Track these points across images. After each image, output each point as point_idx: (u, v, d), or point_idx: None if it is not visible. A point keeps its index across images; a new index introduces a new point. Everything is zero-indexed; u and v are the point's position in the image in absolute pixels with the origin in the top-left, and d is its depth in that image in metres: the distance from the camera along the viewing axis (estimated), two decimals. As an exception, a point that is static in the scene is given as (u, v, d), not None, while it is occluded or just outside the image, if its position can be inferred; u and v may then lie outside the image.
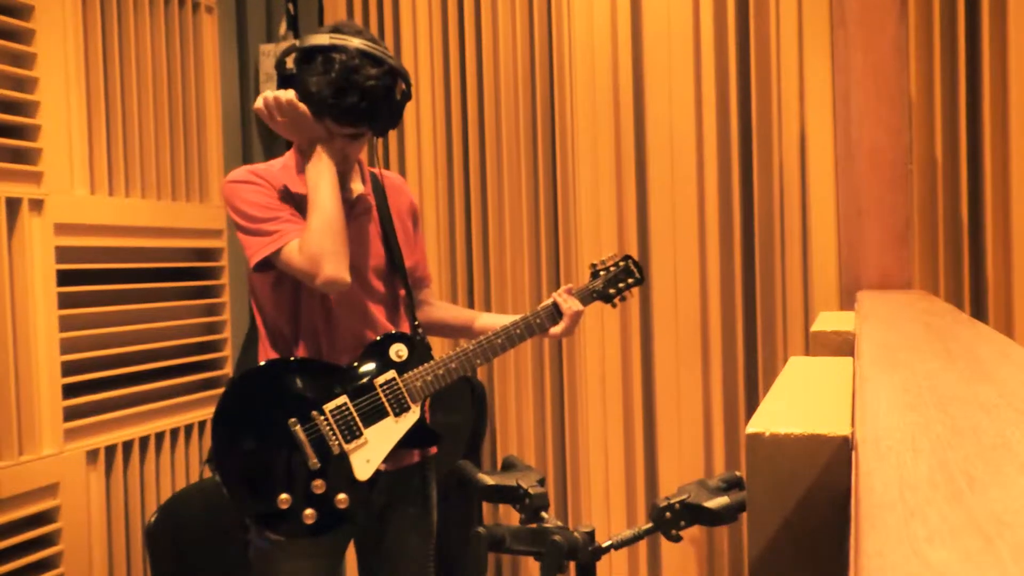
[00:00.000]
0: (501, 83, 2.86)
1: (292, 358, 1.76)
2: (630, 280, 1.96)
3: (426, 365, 1.77)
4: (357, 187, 1.86)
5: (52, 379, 2.21)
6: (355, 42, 1.66)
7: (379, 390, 1.74)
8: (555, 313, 1.87)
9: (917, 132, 2.39)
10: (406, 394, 1.75)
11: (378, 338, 1.79)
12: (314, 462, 1.69)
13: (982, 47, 2.33)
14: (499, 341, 1.81)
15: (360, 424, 1.73)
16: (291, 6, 3.07)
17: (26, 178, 2.19)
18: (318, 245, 1.65)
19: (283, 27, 3.10)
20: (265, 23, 3.14)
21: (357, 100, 1.65)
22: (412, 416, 1.76)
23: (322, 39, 1.66)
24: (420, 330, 1.87)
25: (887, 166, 1.79)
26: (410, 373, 1.76)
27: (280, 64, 1.72)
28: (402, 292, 1.89)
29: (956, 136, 2.37)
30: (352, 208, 1.81)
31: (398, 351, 1.77)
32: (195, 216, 2.72)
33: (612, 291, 1.95)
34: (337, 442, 1.71)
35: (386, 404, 1.74)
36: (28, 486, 2.15)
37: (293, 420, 1.70)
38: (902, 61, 1.83)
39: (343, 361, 1.77)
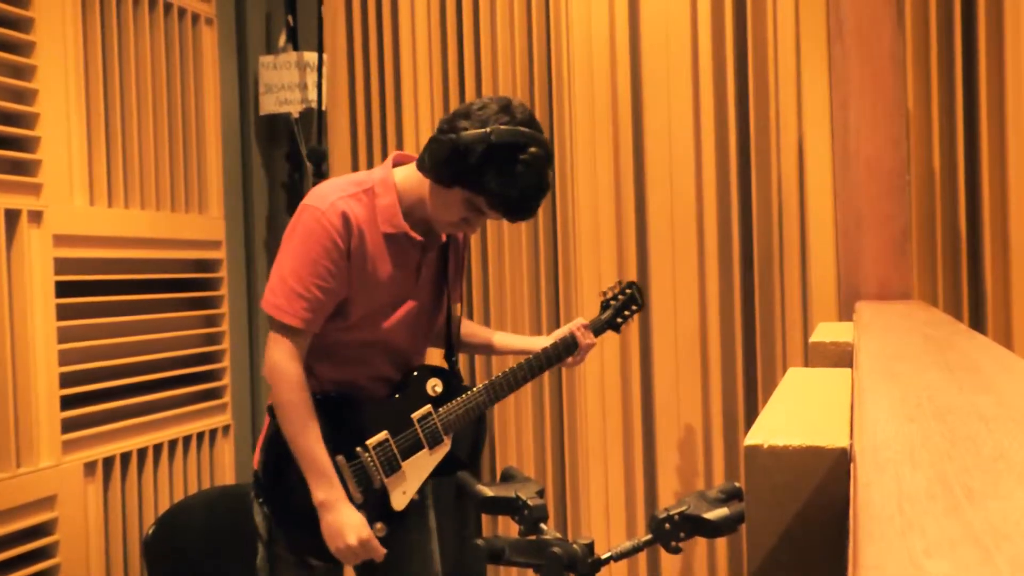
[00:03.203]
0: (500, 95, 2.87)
1: (335, 393, 1.77)
2: (634, 307, 2.05)
3: (459, 399, 1.83)
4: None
5: (50, 390, 2.20)
6: (539, 139, 1.62)
7: (417, 425, 1.80)
8: (572, 346, 1.94)
9: (915, 143, 2.39)
10: (440, 428, 1.81)
11: (415, 373, 1.83)
12: (357, 496, 1.74)
13: (979, 58, 2.34)
14: (522, 374, 1.88)
15: (399, 458, 1.78)
16: (290, 18, 3.08)
17: (25, 189, 2.19)
18: (283, 405, 1.67)
19: (282, 39, 3.11)
20: (264, 35, 3.15)
21: (539, 202, 1.67)
22: (444, 448, 1.83)
23: (510, 134, 1.59)
24: (456, 362, 1.92)
25: (885, 176, 1.80)
26: (444, 408, 1.82)
27: (461, 150, 1.59)
28: (441, 322, 1.92)
29: (954, 146, 2.38)
30: (423, 251, 1.80)
31: (434, 386, 1.83)
32: (194, 227, 2.72)
33: (619, 320, 2.04)
34: (379, 476, 1.76)
35: (423, 438, 1.80)
36: (25, 498, 2.14)
37: (340, 457, 1.74)
38: (899, 72, 1.83)
39: (379, 393, 1.80)
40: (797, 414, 0.77)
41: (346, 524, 1.67)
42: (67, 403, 2.26)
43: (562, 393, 2.84)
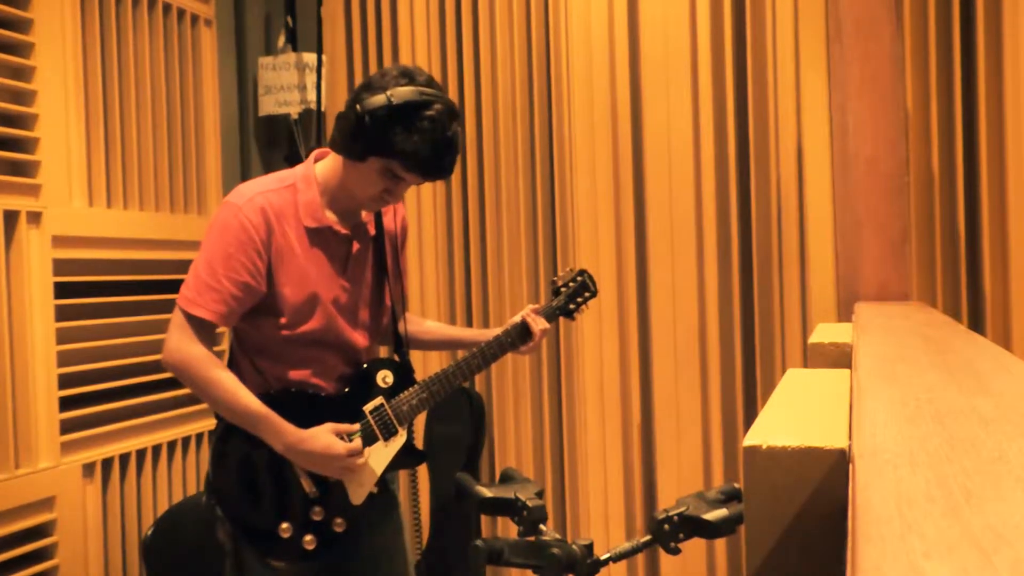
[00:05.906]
0: (499, 99, 2.87)
1: (283, 390, 1.75)
2: (587, 294, 2.04)
3: (411, 390, 1.81)
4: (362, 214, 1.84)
5: (49, 392, 2.20)
6: (440, 97, 1.64)
7: (369, 417, 1.78)
8: (525, 332, 1.93)
9: (914, 144, 2.39)
10: (393, 419, 1.80)
11: (365, 365, 1.82)
12: (312, 491, 1.72)
13: (977, 59, 2.34)
14: (476, 362, 1.87)
15: None
16: (290, 19, 3.08)
17: (24, 191, 2.19)
18: (205, 383, 1.67)
19: (281, 40, 3.11)
20: (264, 36, 3.15)
21: (451, 158, 1.67)
22: (400, 439, 1.81)
23: (410, 94, 1.61)
24: (406, 353, 1.90)
25: (884, 178, 1.80)
26: (396, 398, 1.81)
27: (365, 119, 1.61)
28: (386, 320, 1.91)
29: (952, 147, 2.38)
30: (349, 243, 1.79)
31: (384, 377, 1.82)
32: (193, 228, 2.72)
33: (572, 306, 2.03)
34: None
35: (376, 430, 1.78)
36: (24, 499, 2.14)
37: None
38: (898, 73, 1.83)
39: (329, 389, 1.79)
40: (796, 415, 0.77)
41: (318, 453, 1.67)
42: (66, 404, 2.26)
43: (561, 393, 2.84)
